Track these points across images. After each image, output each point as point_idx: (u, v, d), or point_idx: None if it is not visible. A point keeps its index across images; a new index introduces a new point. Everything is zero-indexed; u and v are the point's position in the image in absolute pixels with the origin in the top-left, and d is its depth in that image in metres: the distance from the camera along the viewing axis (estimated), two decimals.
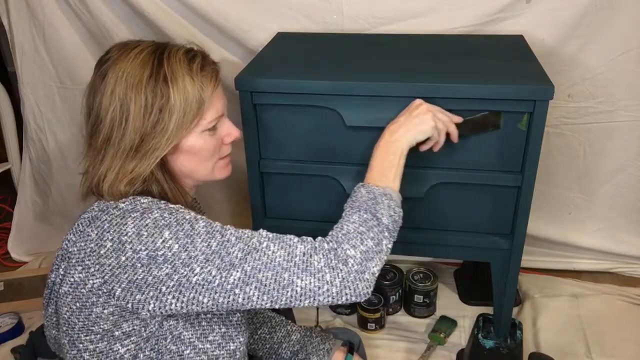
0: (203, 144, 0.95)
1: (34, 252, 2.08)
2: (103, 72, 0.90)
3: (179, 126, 0.89)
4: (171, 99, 0.88)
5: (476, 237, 1.35)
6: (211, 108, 0.94)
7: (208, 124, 0.94)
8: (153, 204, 0.87)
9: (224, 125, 0.99)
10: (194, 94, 0.90)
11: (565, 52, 1.59)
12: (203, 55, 0.97)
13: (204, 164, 0.98)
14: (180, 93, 0.89)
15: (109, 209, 0.87)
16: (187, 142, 0.93)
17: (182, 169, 0.96)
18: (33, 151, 1.98)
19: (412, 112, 1.07)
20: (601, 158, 1.75)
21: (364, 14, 1.62)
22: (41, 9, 1.74)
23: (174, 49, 0.93)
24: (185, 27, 1.68)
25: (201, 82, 0.91)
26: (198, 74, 0.92)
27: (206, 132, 0.95)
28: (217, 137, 0.98)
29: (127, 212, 0.85)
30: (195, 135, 0.93)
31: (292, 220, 1.43)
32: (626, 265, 1.88)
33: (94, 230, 0.85)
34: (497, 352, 1.42)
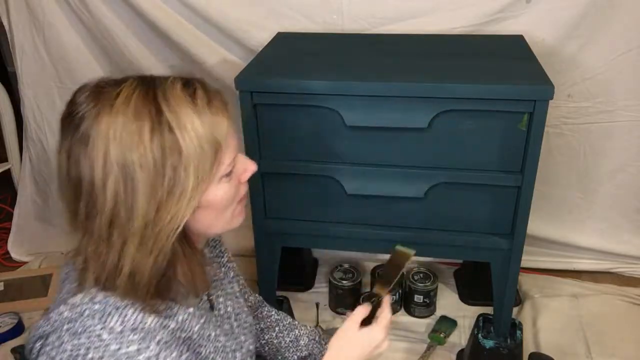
0: (223, 193, 0.76)
1: (34, 252, 2.08)
2: (84, 135, 0.68)
3: (199, 181, 0.71)
4: (184, 150, 0.69)
5: (476, 237, 1.35)
6: (229, 148, 0.75)
7: (226, 167, 0.75)
8: (142, 347, 0.70)
9: (239, 162, 0.79)
10: (207, 137, 0.70)
11: (565, 52, 1.59)
12: (203, 85, 0.76)
13: (223, 215, 0.79)
14: (192, 140, 0.69)
15: (89, 326, 0.69)
16: (206, 196, 0.74)
17: (198, 228, 0.77)
18: (33, 151, 1.98)
19: (372, 352, 0.94)
20: (601, 158, 1.75)
21: (364, 14, 1.62)
22: (41, 9, 1.74)
23: (167, 86, 0.71)
24: (185, 27, 1.68)
25: (212, 121, 0.72)
26: (207, 111, 0.72)
27: (224, 178, 0.75)
28: (235, 179, 0.79)
29: (108, 352, 0.68)
30: (214, 186, 0.74)
31: (292, 221, 1.43)
32: (626, 265, 1.88)
33: (69, 345, 0.69)
34: (497, 352, 1.42)
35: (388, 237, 1.39)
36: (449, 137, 1.25)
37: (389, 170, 1.31)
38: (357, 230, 1.40)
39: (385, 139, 1.28)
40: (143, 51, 1.76)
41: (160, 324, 0.73)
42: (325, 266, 1.94)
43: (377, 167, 1.32)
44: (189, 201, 0.70)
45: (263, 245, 1.46)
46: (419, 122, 1.24)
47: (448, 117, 1.23)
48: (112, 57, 1.78)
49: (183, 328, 0.77)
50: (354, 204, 1.37)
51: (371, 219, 1.39)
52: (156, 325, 0.72)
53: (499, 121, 1.22)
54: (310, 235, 1.45)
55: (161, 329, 0.73)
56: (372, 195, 1.34)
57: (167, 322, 0.75)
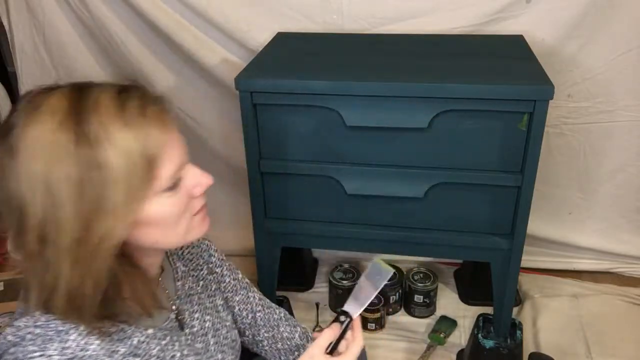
0: (165, 209, 0.70)
1: None
2: (10, 147, 0.64)
3: (129, 198, 0.65)
4: (109, 165, 0.63)
5: (476, 237, 1.35)
6: (168, 161, 0.68)
7: (166, 182, 0.69)
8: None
9: (188, 176, 0.73)
10: (138, 150, 0.65)
11: (565, 52, 1.59)
12: (140, 93, 0.69)
13: (173, 231, 0.73)
14: (119, 155, 0.64)
15: (29, 352, 0.66)
16: (146, 212, 0.68)
17: (143, 245, 0.73)
18: None
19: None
20: (601, 158, 1.75)
21: (364, 14, 1.62)
22: (41, 9, 1.74)
23: (98, 94, 0.66)
24: (185, 27, 1.68)
25: (145, 133, 0.66)
26: (137, 123, 0.66)
27: (166, 192, 0.69)
28: (182, 193, 0.72)
29: None
30: (154, 201, 0.68)
31: (292, 220, 1.43)
32: (626, 265, 1.88)
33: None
34: (497, 352, 1.42)
35: (388, 237, 1.39)
36: (449, 137, 1.25)
37: (389, 170, 1.31)
38: (357, 230, 1.40)
39: (385, 139, 1.28)
40: (143, 51, 1.76)
41: (107, 350, 0.70)
42: (325, 266, 1.94)
43: (377, 167, 1.32)
44: (122, 219, 0.66)
45: (263, 245, 1.46)
46: (419, 122, 1.24)
47: (448, 117, 1.23)
48: (112, 57, 1.78)
49: (136, 353, 0.74)
50: (354, 204, 1.37)
51: (371, 219, 1.39)
52: (99, 352, 0.69)
53: (499, 121, 1.22)
54: (310, 235, 1.45)
55: (106, 356, 0.69)
56: (372, 195, 1.34)
57: (115, 346, 0.71)
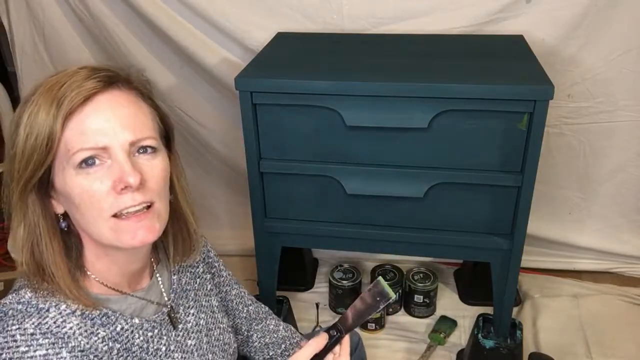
0: (73, 187, 0.69)
1: None
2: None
3: (27, 153, 0.69)
4: (22, 118, 0.70)
5: (476, 237, 1.35)
6: (78, 137, 0.68)
7: (73, 157, 0.68)
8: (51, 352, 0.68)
9: (115, 166, 0.69)
10: (44, 117, 0.68)
11: (565, 52, 1.60)
12: (93, 72, 0.72)
13: (89, 217, 0.71)
14: (30, 113, 0.69)
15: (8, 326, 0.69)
16: (59, 181, 0.71)
17: (75, 221, 0.74)
18: None
19: None
20: (601, 158, 1.75)
21: (364, 14, 1.62)
22: (41, 9, 1.74)
23: (71, 68, 0.73)
24: (185, 27, 1.68)
25: (58, 103, 0.68)
26: (59, 93, 0.69)
27: (79, 169, 0.69)
28: (102, 180, 0.69)
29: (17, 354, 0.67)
30: (69, 174, 0.69)
31: (292, 220, 1.43)
32: (626, 265, 1.88)
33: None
34: (497, 352, 1.42)
35: (388, 237, 1.39)
36: (449, 137, 1.25)
37: (389, 170, 1.31)
38: (357, 230, 1.40)
39: (385, 139, 1.28)
40: (143, 51, 1.76)
41: (85, 330, 0.71)
42: (325, 266, 1.94)
43: (377, 167, 1.32)
44: (21, 169, 0.69)
45: (263, 245, 1.46)
46: (419, 122, 1.24)
47: (448, 117, 1.23)
48: (112, 57, 1.78)
49: (117, 339, 0.75)
50: (354, 204, 1.37)
51: (371, 219, 1.39)
52: (76, 331, 0.70)
53: (499, 121, 1.22)
54: (310, 235, 1.45)
55: (82, 336, 0.71)
56: (372, 195, 1.34)
57: (95, 329, 0.73)
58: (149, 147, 0.73)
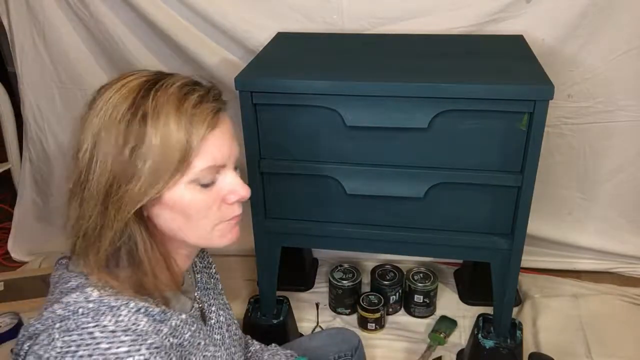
0: (191, 199, 0.74)
1: (34, 252, 2.08)
2: (92, 101, 0.75)
3: (155, 174, 0.71)
4: (146, 140, 0.70)
5: (476, 237, 1.35)
6: (205, 156, 0.73)
7: (199, 174, 0.74)
8: (133, 349, 0.69)
9: (226, 180, 0.77)
10: (178, 137, 0.71)
11: (565, 52, 1.60)
12: (206, 90, 0.77)
13: (194, 225, 0.77)
14: (159, 135, 0.70)
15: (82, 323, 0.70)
16: (171, 194, 0.74)
17: (168, 229, 0.78)
18: (33, 151, 1.98)
19: None
20: (601, 158, 1.75)
21: (364, 14, 1.62)
22: (41, 9, 1.74)
23: (169, 81, 0.75)
24: (185, 27, 1.69)
25: (190, 123, 0.72)
26: (188, 113, 0.72)
27: (196, 184, 0.74)
28: (215, 193, 0.77)
29: (98, 351, 0.68)
30: (182, 187, 0.74)
31: (292, 220, 1.43)
32: (626, 265, 1.88)
33: (59, 342, 0.70)
34: (497, 352, 1.42)
35: (388, 237, 1.39)
36: (449, 137, 1.25)
37: (389, 170, 1.31)
38: (357, 230, 1.40)
39: (385, 139, 1.28)
40: (143, 51, 1.76)
41: (154, 328, 0.73)
42: (325, 266, 1.94)
43: (377, 167, 1.32)
44: (140, 189, 0.71)
45: (263, 245, 1.46)
46: (419, 122, 1.24)
47: (448, 117, 1.23)
48: (112, 57, 1.78)
49: (175, 334, 0.77)
50: (354, 204, 1.37)
51: (371, 219, 1.39)
52: (149, 329, 0.72)
53: (499, 121, 1.22)
54: (310, 235, 1.45)
55: (154, 333, 0.73)
56: (372, 195, 1.34)
57: (160, 326, 0.75)
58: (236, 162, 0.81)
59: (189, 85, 0.75)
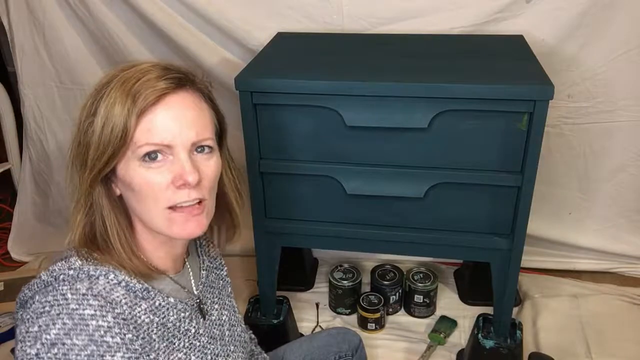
0: (139, 176, 0.75)
1: (34, 252, 2.08)
2: None
3: (101, 146, 0.74)
4: (97, 114, 0.74)
5: (476, 237, 1.35)
6: (144, 132, 0.74)
7: (142, 149, 0.74)
8: (98, 314, 0.71)
9: (175, 163, 0.76)
10: (119, 112, 0.73)
11: (565, 52, 1.60)
12: (165, 72, 0.77)
13: (145, 206, 0.77)
14: (105, 110, 0.74)
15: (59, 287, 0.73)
16: (123, 170, 0.76)
17: (130, 208, 0.81)
18: (33, 151, 1.98)
19: None
20: (601, 158, 1.75)
21: (364, 14, 1.62)
22: (41, 9, 1.74)
23: (141, 66, 0.77)
24: (185, 27, 1.69)
25: (133, 99, 0.73)
26: (133, 90, 0.74)
27: (145, 162, 0.75)
28: (162, 174, 0.76)
29: (66, 310, 0.70)
30: (134, 165, 0.75)
31: (292, 220, 1.43)
32: (626, 265, 1.88)
33: (37, 304, 0.73)
34: (497, 352, 1.42)
35: (388, 237, 1.39)
36: (449, 137, 1.25)
37: (389, 170, 1.31)
38: (357, 230, 1.40)
39: (385, 139, 1.28)
40: (143, 51, 1.76)
41: (130, 300, 0.76)
42: (325, 266, 1.94)
43: (377, 167, 1.32)
44: (92, 157, 0.75)
45: (263, 245, 1.46)
46: (419, 122, 1.24)
47: (448, 117, 1.23)
48: (112, 57, 1.78)
49: (156, 312, 0.79)
50: (354, 204, 1.37)
51: (371, 219, 1.39)
52: (122, 300, 0.75)
53: (499, 121, 1.22)
54: (310, 235, 1.45)
55: (127, 305, 0.75)
56: (372, 195, 1.34)
57: (139, 301, 0.77)
58: (207, 146, 0.80)
59: (153, 68, 0.77)
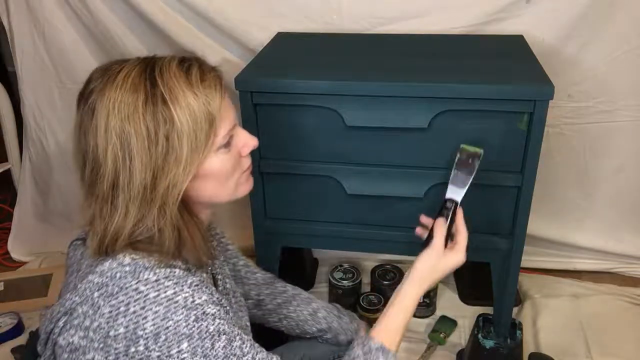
0: (221, 164, 0.82)
1: (34, 252, 2.08)
2: (90, 108, 0.77)
3: (193, 151, 0.77)
4: (176, 121, 0.75)
5: (476, 237, 1.35)
6: (223, 121, 0.81)
7: (222, 139, 0.81)
8: (178, 289, 0.75)
9: (238, 136, 0.86)
10: (200, 109, 0.77)
11: (565, 52, 1.59)
12: (199, 63, 0.82)
13: (225, 185, 0.85)
14: (185, 112, 0.76)
15: (124, 284, 0.75)
16: (205, 165, 0.80)
17: (201, 197, 0.84)
18: (33, 151, 1.98)
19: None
20: (601, 158, 1.75)
21: (364, 14, 1.62)
22: (41, 9, 1.74)
23: (164, 63, 0.79)
24: (185, 27, 1.68)
25: (206, 95, 0.78)
26: (199, 86, 0.78)
27: (222, 149, 0.82)
28: (233, 151, 0.85)
29: (149, 300, 0.74)
30: (212, 156, 0.81)
31: (292, 221, 1.43)
32: (626, 265, 1.88)
33: (107, 307, 0.74)
34: (497, 352, 1.42)
35: (388, 237, 1.39)
36: (449, 137, 1.25)
37: (389, 170, 1.31)
38: (357, 230, 1.40)
39: (385, 139, 1.28)
40: (143, 51, 1.75)
41: (186, 274, 0.78)
42: (325, 266, 1.94)
43: (377, 167, 1.32)
44: (184, 169, 0.77)
45: (263, 245, 1.46)
46: (419, 122, 1.24)
47: (448, 117, 1.23)
48: (112, 57, 1.76)
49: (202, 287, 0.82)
50: (354, 204, 1.37)
51: (371, 219, 1.39)
52: (184, 274, 0.78)
53: (499, 121, 1.22)
54: (310, 235, 1.45)
55: (189, 275, 0.78)
56: (372, 195, 1.34)
57: (189, 275, 0.79)
58: None
59: (183, 62, 0.79)
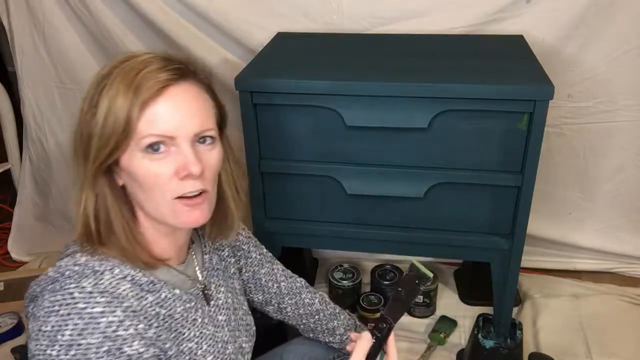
0: (143, 167, 0.75)
1: (34, 252, 2.08)
2: None
3: (104, 137, 0.74)
4: (99, 106, 0.74)
5: (476, 237, 1.35)
6: (147, 123, 0.74)
7: (145, 141, 0.74)
8: (107, 310, 0.72)
9: (180, 154, 0.76)
10: (122, 103, 0.73)
11: (565, 52, 1.59)
12: (166, 64, 0.77)
13: (150, 197, 0.77)
14: (107, 101, 0.74)
15: (66, 284, 0.74)
16: (127, 161, 0.76)
17: (135, 199, 0.80)
18: (33, 151, 1.98)
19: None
20: (601, 158, 1.75)
21: (364, 14, 1.62)
22: (41, 9, 1.74)
23: (141, 57, 0.78)
24: (185, 27, 1.68)
25: (135, 91, 0.73)
26: (135, 82, 0.74)
27: (149, 153, 0.75)
28: (166, 165, 0.76)
29: (75, 310, 0.71)
30: (138, 156, 0.75)
31: (292, 220, 1.43)
32: (626, 265, 1.88)
33: (47, 302, 0.73)
34: (497, 352, 1.42)
35: (388, 237, 1.39)
36: (449, 137, 1.25)
37: (389, 170, 1.31)
38: (357, 230, 1.40)
39: (385, 139, 1.28)
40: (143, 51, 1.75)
41: (136, 294, 0.77)
42: (325, 266, 1.94)
43: (377, 167, 1.32)
44: (97, 148, 0.75)
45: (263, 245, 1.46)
46: (419, 122, 1.24)
47: (448, 117, 1.23)
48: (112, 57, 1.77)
49: (162, 305, 0.80)
50: (354, 204, 1.37)
51: (371, 219, 1.39)
52: (129, 294, 0.76)
53: (499, 121, 1.22)
54: (310, 235, 1.45)
55: (134, 298, 0.76)
56: (372, 195, 1.34)
57: (144, 294, 0.78)
58: (209, 137, 0.80)
59: (154, 60, 0.77)
